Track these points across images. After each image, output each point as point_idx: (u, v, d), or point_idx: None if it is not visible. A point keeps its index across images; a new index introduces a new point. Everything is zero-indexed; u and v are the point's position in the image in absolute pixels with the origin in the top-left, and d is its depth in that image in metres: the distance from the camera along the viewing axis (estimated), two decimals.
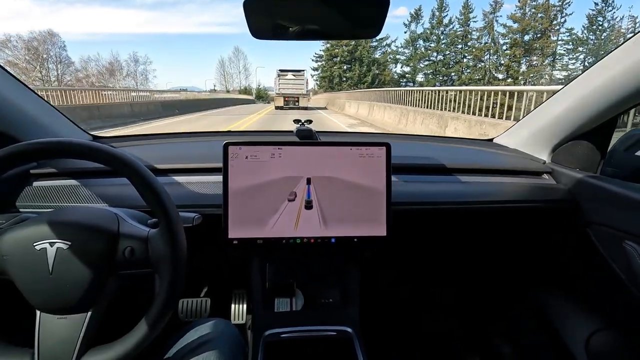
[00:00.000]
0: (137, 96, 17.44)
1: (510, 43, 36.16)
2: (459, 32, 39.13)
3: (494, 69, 37.66)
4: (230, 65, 62.72)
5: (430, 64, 41.38)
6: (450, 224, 1.13)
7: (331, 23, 0.64)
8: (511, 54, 35.75)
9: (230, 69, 61.92)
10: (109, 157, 0.54)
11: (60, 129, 0.98)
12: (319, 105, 30.69)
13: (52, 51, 33.62)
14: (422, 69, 42.31)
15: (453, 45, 39.84)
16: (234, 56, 64.71)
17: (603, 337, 0.95)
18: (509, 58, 36.17)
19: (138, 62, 45.45)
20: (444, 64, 40.53)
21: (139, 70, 45.01)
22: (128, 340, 0.54)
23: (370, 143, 0.83)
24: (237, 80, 62.94)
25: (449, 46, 40.16)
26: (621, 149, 0.96)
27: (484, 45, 38.09)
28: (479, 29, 38.40)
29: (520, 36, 35.40)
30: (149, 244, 0.56)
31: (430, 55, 41.22)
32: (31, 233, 0.53)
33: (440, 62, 40.88)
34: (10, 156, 0.52)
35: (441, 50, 40.40)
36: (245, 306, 1.22)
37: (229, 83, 61.91)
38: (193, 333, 0.73)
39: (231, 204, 0.78)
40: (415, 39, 41.63)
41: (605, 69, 0.81)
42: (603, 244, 0.88)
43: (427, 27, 40.62)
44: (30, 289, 0.53)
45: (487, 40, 37.99)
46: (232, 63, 62.94)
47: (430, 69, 41.38)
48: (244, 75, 63.15)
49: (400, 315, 1.36)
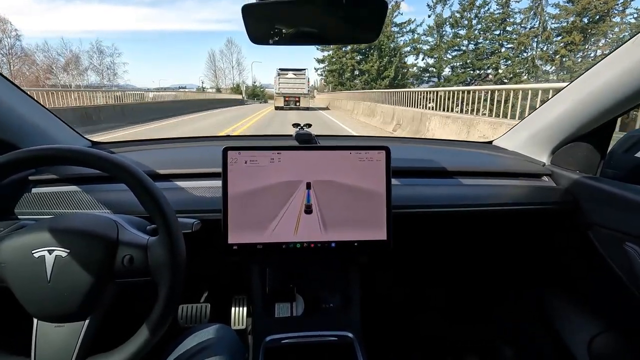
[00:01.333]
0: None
1: (564, 28, 27.60)
2: (497, 15, 30.77)
3: (545, 59, 29.06)
4: (223, 60, 55.39)
5: (460, 54, 32.68)
6: (450, 227, 1.13)
7: (329, 28, 0.64)
8: (568, 41, 26.99)
9: (222, 63, 54.96)
10: (106, 164, 0.53)
11: (58, 135, 0.98)
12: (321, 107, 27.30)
13: (5, 41, 29.00)
14: (449, 61, 33.51)
15: (488, 31, 31.27)
16: (227, 49, 56.73)
17: (605, 340, 0.94)
18: (565, 45, 27.64)
19: (103, 54, 38.35)
20: (477, 55, 31.69)
21: (106, 63, 38.15)
22: (127, 347, 0.54)
23: (369, 147, 0.82)
24: (229, 77, 55.73)
25: (483, 32, 31.62)
26: (620, 150, 0.96)
27: (529, 31, 29.34)
28: (522, 10, 30.04)
29: (578, 18, 26.95)
30: (148, 252, 0.56)
31: (460, 44, 32.44)
32: (29, 240, 0.53)
33: (472, 52, 32.02)
34: (7, 164, 0.51)
35: (474, 37, 31.69)
36: (246, 311, 1.21)
37: (220, 80, 54.98)
38: (193, 339, 0.73)
39: (230, 209, 0.78)
40: (442, 24, 32.84)
41: (605, 70, 0.81)
42: (603, 245, 0.88)
43: (457, 10, 32.16)
44: (28, 297, 0.53)
45: (534, 24, 29.24)
46: (224, 57, 55.45)
47: (460, 61, 32.78)
48: (237, 71, 56.03)
49: (401, 319, 1.35)
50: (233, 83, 54.86)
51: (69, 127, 1.04)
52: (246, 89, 53.91)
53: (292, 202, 0.80)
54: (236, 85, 53.57)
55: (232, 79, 56.12)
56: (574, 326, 1.02)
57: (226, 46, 61.48)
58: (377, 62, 34.30)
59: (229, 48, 55.97)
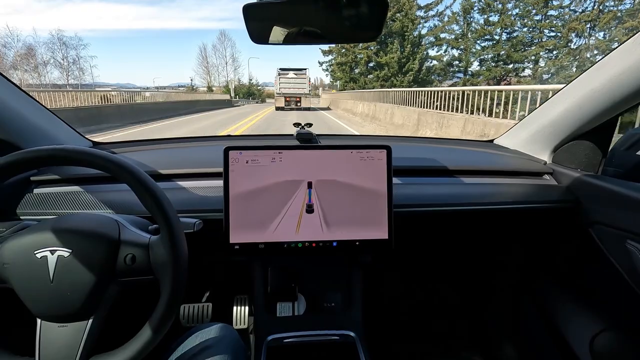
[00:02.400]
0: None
1: (628, 11, 20.44)
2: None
3: (602, 49, 21.02)
4: (216, 55, 49.56)
5: (492, 46, 26.02)
6: (452, 226, 1.13)
7: (330, 27, 0.64)
8: (632, 26, 19.36)
9: (215, 59, 49.27)
10: (108, 164, 0.54)
11: (59, 135, 0.98)
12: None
13: None
14: (478, 52, 26.77)
15: (527, 16, 24.49)
16: (219, 43, 50.42)
17: (607, 338, 0.94)
18: (627, 32, 19.48)
19: (66, 46, 31.93)
20: (513, 45, 25.06)
21: (70, 57, 32.03)
22: (130, 347, 0.54)
23: (370, 146, 0.82)
24: (223, 74, 49.36)
25: (520, 18, 24.88)
26: (622, 148, 0.96)
27: (580, 14, 22.38)
28: None
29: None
30: (150, 251, 0.56)
31: (493, 32, 25.57)
32: (32, 241, 0.53)
33: (506, 42, 25.47)
34: (9, 165, 0.52)
35: (510, 24, 24.99)
36: (247, 311, 1.21)
37: (213, 77, 48.78)
38: (195, 338, 0.73)
39: (232, 209, 0.78)
40: (469, 10, 26.01)
41: (606, 68, 0.81)
42: (605, 243, 0.88)
43: None
44: (31, 297, 0.53)
45: (586, 7, 22.29)
46: (217, 52, 49.77)
47: (491, 52, 26.10)
48: (232, 67, 50.08)
49: (403, 318, 1.35)
50: (227, 81, 48.87)
51: (70, 127, 1.04)
52: (241, 87, 48.84)
53: (293, 202, 0.80)
54: (226, 84, 47.23)
55: (227, 76, 50.02)
56: (576, 324, 1.02)
57: (219, 40, 55.01)
58: (397, 53, 26.60)
59: (222, 42, 50.20)
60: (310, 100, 22.96)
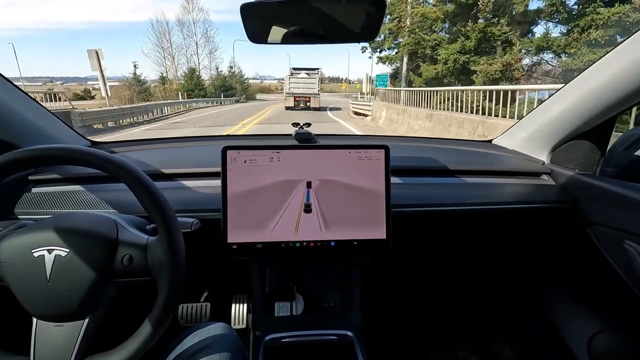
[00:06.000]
0: None
1: None
2: None
3: None
4: (183, 32, 33.10)
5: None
6: (450, 226, 1.13)
7: (328, 26, 0.64)
8: None
9: (181, 38, 34.08)
10: (106, 163, 0.53)
11: (57, 135, 0.98)
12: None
13: None
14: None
15: None
16: (185, 13, 32.79)
17: (605, 338, 0.94)
18: None
19: None
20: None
21: None
22: (127, 346, 0.54)
23: (369, 146, 0.82)
24: (193, 60, 33.48)
25: None
26: (620, 148, 0.96)
27: None
28: None
29: None
30: (147, 252, 0.56)
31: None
32: (29, 240, 0.53)
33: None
34: (8, 163, 0.52)
35: None
36: (246, 310, 1.21)
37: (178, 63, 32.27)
38: (193, 338, 0.73)
39: (230, 209, 0.78)
40: None
41: (604, 68, 0.81)
42: (603, 244, 0.88)
43: None
44: (27, 296, 0.53)
45: None
46: (184, 28, 33.01)
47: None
48: (206, 51, 34.51)
49: (401, 318, 1.35)
50: (198, 70, 32.27)
51: (68, 127, 1.04)
52: (216, 78, 33.34)
53: (291, 201, 0.80)
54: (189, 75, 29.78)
55: (198, 62, 33.52)
56: (574, 324, 1.02)
57: (184, 9, 33.57)
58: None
59: (188, 12, 32.58)
60: (319, 100, 21.77)
